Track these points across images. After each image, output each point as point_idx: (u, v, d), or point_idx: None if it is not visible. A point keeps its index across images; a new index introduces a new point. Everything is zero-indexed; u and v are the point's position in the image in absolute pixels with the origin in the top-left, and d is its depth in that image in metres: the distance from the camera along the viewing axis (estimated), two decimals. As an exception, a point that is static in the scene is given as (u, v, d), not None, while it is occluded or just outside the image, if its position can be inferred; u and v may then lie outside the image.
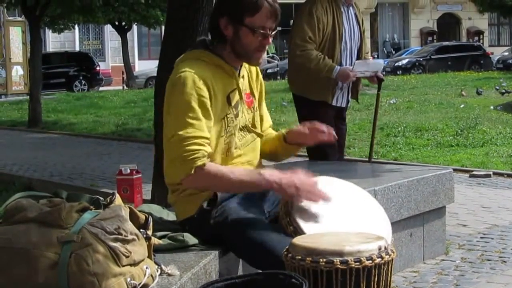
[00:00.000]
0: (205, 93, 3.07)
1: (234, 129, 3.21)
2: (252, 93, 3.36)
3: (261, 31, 3.10)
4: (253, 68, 3.39)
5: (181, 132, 3.01)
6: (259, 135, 3.37)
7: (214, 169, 3.04)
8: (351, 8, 5.70)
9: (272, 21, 3.12)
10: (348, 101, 5.87)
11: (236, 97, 3.22)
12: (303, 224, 2.93)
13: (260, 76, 3.47)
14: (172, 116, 3.08)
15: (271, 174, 3.04)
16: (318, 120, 5.56)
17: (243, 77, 3.29)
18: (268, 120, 3.54)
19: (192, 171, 3.00)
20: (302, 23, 5.52)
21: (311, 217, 2.97)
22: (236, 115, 3.22)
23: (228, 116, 3.18)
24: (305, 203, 3.01)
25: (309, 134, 3.39)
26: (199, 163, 3.00)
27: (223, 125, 3.16)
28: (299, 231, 2.91)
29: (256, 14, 3.08)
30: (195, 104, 3.04)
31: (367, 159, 10.14)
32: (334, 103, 5.71)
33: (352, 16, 5.70)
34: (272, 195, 3.32)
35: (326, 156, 5.54)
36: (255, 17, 3.08)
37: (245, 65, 3.31)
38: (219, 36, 3.17)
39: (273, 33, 3.16)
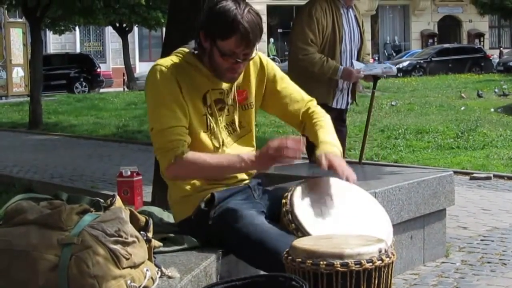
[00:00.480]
0: (175, 84, 3.10)
1: (216, 126, 3.21)
2: (249, 88, 3.33)
3: (230, 56, 3.07)
4: (257, 58, 3.32)
5: (157, 125, 3.07)
6: (246, 131, 3.35)
7: (193, 156, 3.07)
8: (350, 10, 5.70)
9: (243, 49, 3.06)
10: (348, 103, 5.87)
11: (214, 97, 3.21)
12: (304, 221, 2.93)
13: (268, 63, 3.37)
14: (149, 110, 3.13)
15: (248, 153, 3.13)
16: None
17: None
18: (297, 100, 3.43)
19: (173, 161, 3.05)
20: (302, 26, 5.51)
21: (312, 214, 2.98)
22: (214, 114, 3.21)
23: (206, 115, 3.19)
24: (307, 202, 3.02)
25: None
26: (178, 152, 3.04)
27: (203, 121, 3.18)
28: (301, 229, 2.91)
29: (226, 40, 3.03)
30: (167, 95, 3.08)
31: (367, 161, 10.20)
32: (334, 105, 5.70)
33: (352, 18, 5.69)
34: (271, 193, 3.33)
35: None
36: (225, 42, 3.04)
37: None
38: (199, 46, 3.17)
39: (247, 58, 3.11)
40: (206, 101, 3.20)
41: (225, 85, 3.24)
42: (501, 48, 46.90)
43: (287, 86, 3.43)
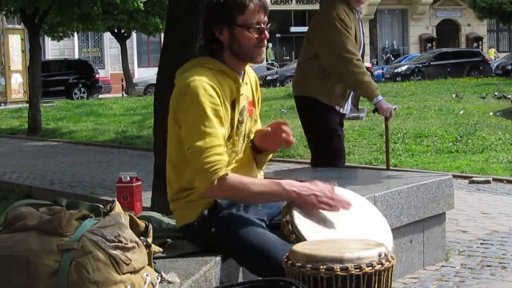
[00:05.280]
0: (217, 101, 3.07)
1: (239, 135, 3.23)
2: (253, 101, 3.37)
3: (256, 26, 3.14)
4: (253, 78, 3.40)
5: (199, 143, 3.00)
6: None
7: (236, 180, 3.04)
8: (360, 15, 5.67)
9: (263, 15, 3.16)
10: (351, 109, 5.85)
11: (241, 104, 3.23)
12: (304, 231, 2.93)
13: (259, 86, 3.48)
14: (188, 127, 3.06)
15: (290, 184, 3.06)
16: (325, 124, 5.58)
17: (246, 83, 3.30)
18: (256, 122, 3.50)
19: (215, 183, 3.00)
20: (340, 30, 5.33)
21: (312, 224, 2.98)
22: (241, 122, 3.24)
23: (234, 122, 3.19)
24: (306, 211, 3.02)
25: (272, 135, 3.30)
26: (221, 173, 3.00)
27: (230, 131, 3.17)
28: (301, 239, 2.91)
29: (246, 11, 3.12)
30: (209, 112, 3.03)
31: (367, 165, 10.25)
32: (340, 109, 5.68)
33: (361, 23, 5.67)
34: (273, 203, 3.33)
35: (341, 155, 5.61)
36: (245, 14, 3.12)
37: (247, 73, 3.32)
38: (216, 44, 3.18)
39: (268, 26, 3.19)
40: (235, 108, 3.20)
41: (244, 92, 3.24)
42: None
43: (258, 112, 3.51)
